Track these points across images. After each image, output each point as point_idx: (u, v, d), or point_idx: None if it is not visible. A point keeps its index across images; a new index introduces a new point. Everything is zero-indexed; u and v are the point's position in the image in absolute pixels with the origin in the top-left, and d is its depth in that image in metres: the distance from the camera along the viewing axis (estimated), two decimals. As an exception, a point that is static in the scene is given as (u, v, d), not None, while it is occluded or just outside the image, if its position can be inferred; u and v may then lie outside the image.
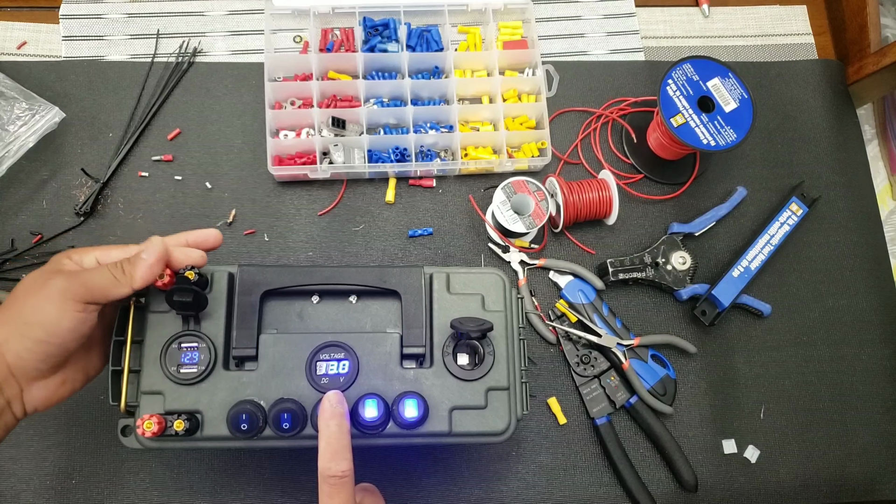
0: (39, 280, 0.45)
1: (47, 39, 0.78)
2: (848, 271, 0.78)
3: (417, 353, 0.52)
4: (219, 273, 0.52)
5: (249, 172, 0.75)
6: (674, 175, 0.78)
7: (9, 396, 0.44)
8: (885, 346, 0.76)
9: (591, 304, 0.72)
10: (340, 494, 0.44)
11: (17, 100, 0.71)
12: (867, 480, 0.72)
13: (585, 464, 0.69)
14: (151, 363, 0.49)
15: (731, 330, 0.75)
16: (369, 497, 0.49)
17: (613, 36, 0.84)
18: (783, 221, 0.75)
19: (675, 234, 0.74)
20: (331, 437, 0.45)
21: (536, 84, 0.78)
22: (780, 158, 0.81)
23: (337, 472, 0.43)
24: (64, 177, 0.73)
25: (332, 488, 0.43)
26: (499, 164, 0.74)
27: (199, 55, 0.78)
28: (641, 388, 0.69)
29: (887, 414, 0.74)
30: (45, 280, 0.44)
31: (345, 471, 0.44)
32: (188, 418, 0.48)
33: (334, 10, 0.78)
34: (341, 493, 0.44)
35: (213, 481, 0.65)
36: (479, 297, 0.54)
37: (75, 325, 0.44)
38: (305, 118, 0.74)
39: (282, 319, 0.53)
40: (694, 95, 0.71)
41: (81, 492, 0.64)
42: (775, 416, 0.73)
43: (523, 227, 0.69)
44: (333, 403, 0.46)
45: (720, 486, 0.70)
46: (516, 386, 0.53)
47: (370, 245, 0.73)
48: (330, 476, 0.43)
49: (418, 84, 0.75)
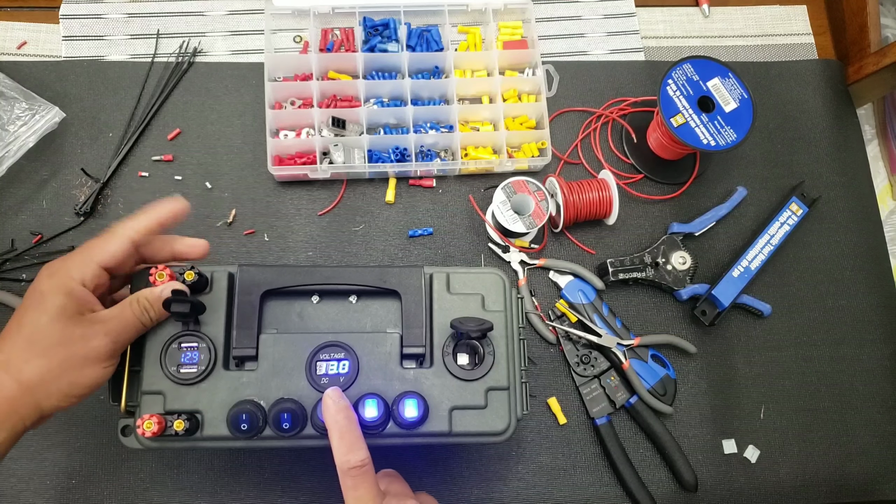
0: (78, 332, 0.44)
1: (47, 39, 0.78)
2: (848, 271, 0.78)
3: (417, 353, 0.52)
4: (219, 273, 0.52)
5: (249, 172, 0.75)
6: (674, 175, 0.78)
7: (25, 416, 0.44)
8: (885, 346, 0.76)
9: (591, 304, 0.72)
10: (364, 484, 0.43)
11: (17, 100, 0.71)
12: (867, 480, 0.72)
13: (585, 464, 0.69)
14: (151, 363, 0.49)
15: (731, 330, 0.75)
16: (396, 483, 0.49)
17: (613, 36, 0.84)
18: (783, 221, 0.75)
19: (675, 234, 0.74)
20: (342, 430, 0.45)
21: (536, 84, 0.78)
22: (780, 158, 0.81)
23: (356, 462, 0.43)
24: (64, 177, 0.73)
25: (354, 479, 0.43)
26: (499, 164, 0.74)
27: (199, 55, 0.78)
28: (641, 388, 0.69)
29: (887, 414, 0.74)
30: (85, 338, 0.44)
31: (363, 460, 0.44)
32: (188, 418, 0.48)
33: (334, 10, 0.78)
34: (365, 483, 0.44)
35: (212, 481, 0.65)
36: (479, 297, 0.54)
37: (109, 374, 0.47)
38: (305, 118, 0.74)
39: (282, 319, 0.53)
40: (694, 95, 0.71)
41: (81, 492, 0.64)
42: (775, 416, 0.73)
43: (523, 227, 0.69)
44: (335, 398, 0.46)
45: (720, 486, 0.70)
46: (516, 386, 0.53)
47: (370, 245, 0.73)
48: (350, 468, 0.43)
49: (418, 84, 0.75)
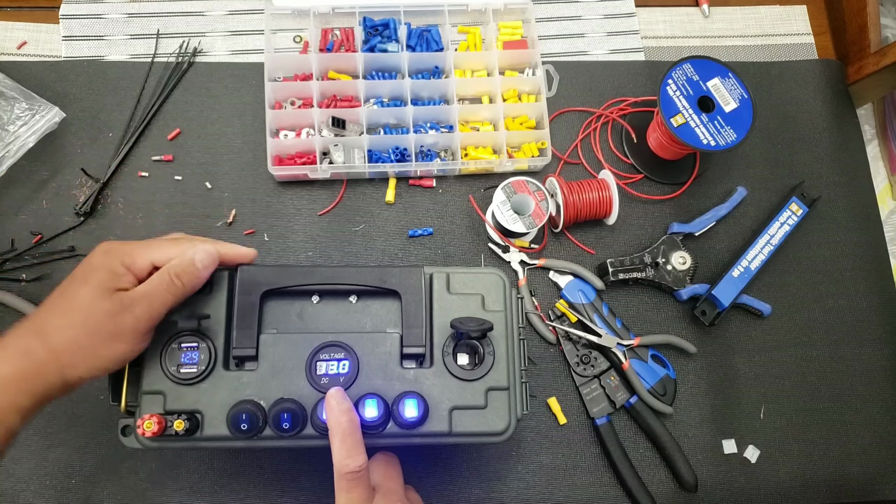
0: (105, 307, 0.45)
1: (47, 39, 0.78)
2: (848, 271, 0.78)
3: (417, 353, 0.52)
4: (219, 273, 0.52)
5: (249, 172, 0.75)
6: (674, 175, 0.78)
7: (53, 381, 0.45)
8: (885, 346, 0.76)
9: (591, 304, 0.72)
10: (358, 488, 0.45)
11: (17, 100, 0.71)
12: (867, 480, 0.72)
13: (585, 464, 0.69)
14: (151, 363, 0.49)
15: (731, 330, 0.75)
16: (389, 475, 0.50)
17: (613, 36, 0.84)
18: (783, 221, 0.75)
19: (675, 234, 0.74)
20: (344, 434, 0.45)
21: (536, 84, 0.78)
22: (780, 158, 0.81)
23: (354, 467, 0.45)
24: (64, 177, 0.73)
25: (349, 483, 0.45)
26: (499, 164, 0.74)
27: (199, 55, 0.78)
28: (641, 388, 0.69)
29: (887, 414, 0.74)
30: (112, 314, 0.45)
31: (361, 465, 0.45)
32: (188, 418, 0.48)
33: (334, 10, 0.78)
34: (359, 487, 0.45)
35: (212, 481, 0.65)
36: (479, 297, 0.54)
37: (141, 351, 0.48)
38: (305, 118, 0.74)
39: (282, 319, 0.53)
40: (694, 95, 0.71)
41: (81, 492, 0.64)
42: (775, 416, 0.73)
43: (523, 227, 0.69)
44: (339, 400, 0.47)
45: (720, 486, 0.70)
46: (516, 386, 0.53)
47: (370, 245, 0.73)
48: (347, 472, 0.45)
49: (418, 84, 0.75)
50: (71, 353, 0.44)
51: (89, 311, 0.45)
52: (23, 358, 0.43)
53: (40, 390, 0.44)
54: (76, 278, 0.46)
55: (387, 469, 0.51)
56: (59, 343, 0.44)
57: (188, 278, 0.47)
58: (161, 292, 0.47)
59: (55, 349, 0.44)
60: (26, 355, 0.43)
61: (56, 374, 0.44)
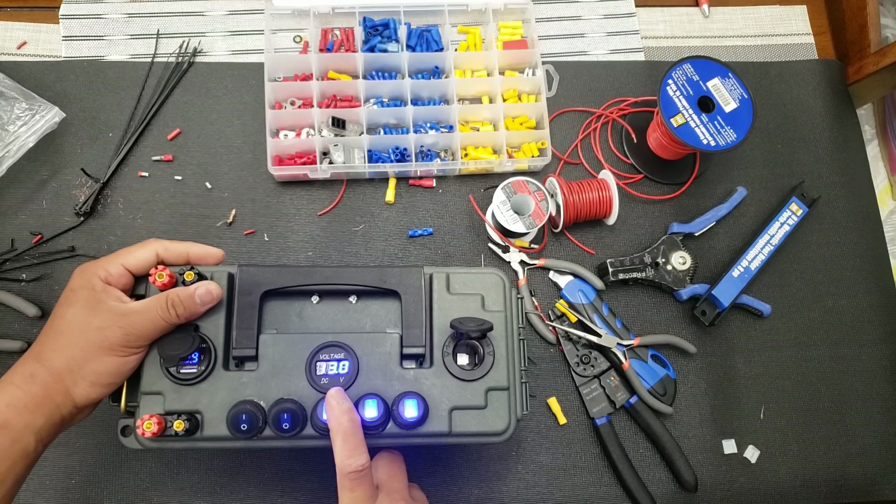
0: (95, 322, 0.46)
1: (47, 39, 0.78)
2: (848, 271, 0.78)
3: (417, 354, 0.52)
4: (219, 273, 0.52)
5: (249, 172, 0.75)
6: (674, 175, 0.78)
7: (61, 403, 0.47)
8: (885, 346, 0.76)
9: (591, 304, 0.72)
10: (361, 487, 0.46)
11: (17, 100, 0.71)
12: (867, 480, 0.72)
13: (585, 464, 0.69)
14: (151, 363, 0.49)
15: (731, 330, 0.75)
16: (393, 473, 0.51)
17: (613, 36, 0.84)
18: (783, 221, 0.75)
19: (675, 234, 0.74)
20: (346, 434, 0.46)
21: (536, 84, 0.78)
22: (780, 158, 0.81)
23: (357, 467, 0.45)
24: (64, 177, 0.73)
25: (353, 482, 0.45)
26: (499, 164, 0.74)
27: (199, 55, 0.78)
28: (641, 388, 0.69)
29: (887, 414, 0.74)
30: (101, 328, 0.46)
31: (363, 464, 0.45)
32: (188, 418, 0.48)
33: (334, 10, 0.78)
34: (362, 486, 0.46)
35: (212, 481, 0.65)
36: (479, 297, 0.54)
37: (136, 364, 0.49)
38: (305, 118, 0.74)
39: (282, 319, 0.53)
40: (694, 95, 0.71)
41: (81, 492, 0.64)
42: (775, 416, 0.73)
43: (523, 227, 0.69)
44: (339, 400, 0.47)
45: (720, 486, 0.70)
46: (516, 386, 0.53)
47: (370, 245, 0.73)
48: (350, 472, 0.45)
49: (418, 84, 0.75)
50: (70, 371, 0.46)
51: (79, 328, 0.46)
52: (29, 382, 0.45)
53: (52, 411, 0.45)
54: (62, 304, 0.48)
55: (391, 467, 0.51)
56: (57, 365, 0.46)
57: (183, 310, 0.48)
58: (154, 315, 0.47)
59: (55, 371, 0.46)
60: (32, 379, 0.45)
61: (63, 395, 0.46)
